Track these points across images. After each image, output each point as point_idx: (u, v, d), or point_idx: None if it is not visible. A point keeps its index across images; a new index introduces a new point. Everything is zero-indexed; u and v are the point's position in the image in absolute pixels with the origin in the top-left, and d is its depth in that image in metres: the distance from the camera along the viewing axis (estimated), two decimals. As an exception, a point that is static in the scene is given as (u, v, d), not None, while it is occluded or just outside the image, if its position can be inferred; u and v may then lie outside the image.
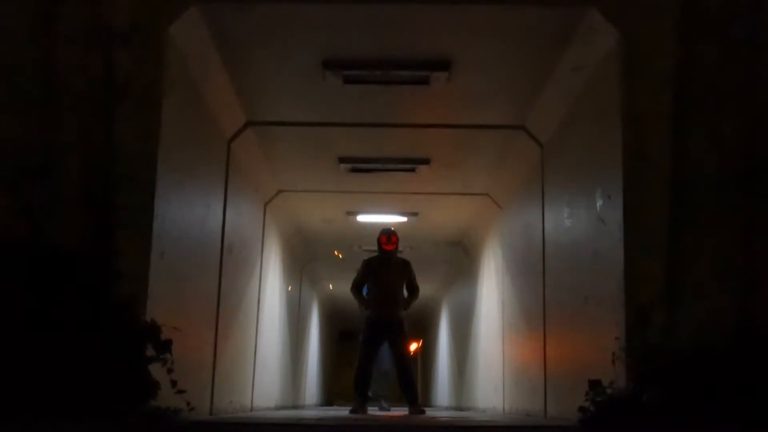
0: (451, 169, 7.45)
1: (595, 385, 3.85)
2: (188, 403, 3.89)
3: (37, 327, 3.46)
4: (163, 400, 3.72)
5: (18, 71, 4.05)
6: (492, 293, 8.69)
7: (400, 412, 8.83)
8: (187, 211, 4.71)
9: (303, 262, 11.53)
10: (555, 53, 4.83)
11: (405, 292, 8.21)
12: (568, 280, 5.22)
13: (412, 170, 7.38)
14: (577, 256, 4.95)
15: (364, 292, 8.34)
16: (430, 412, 8.96)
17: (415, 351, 14.83)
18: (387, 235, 8.18)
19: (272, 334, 8.77)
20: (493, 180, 7.65)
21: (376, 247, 8.43)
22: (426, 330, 18.55)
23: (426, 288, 10.12)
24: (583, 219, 4.81)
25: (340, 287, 11.57)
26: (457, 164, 7.30)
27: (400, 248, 8.57)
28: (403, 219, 9.36)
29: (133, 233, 3.92)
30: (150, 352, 3.71)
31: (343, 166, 7.31)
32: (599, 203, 4.45)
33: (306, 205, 8.99)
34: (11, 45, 4.07)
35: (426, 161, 7.19)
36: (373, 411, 8.60)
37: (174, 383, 3.77)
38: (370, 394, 8.44)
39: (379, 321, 7.97)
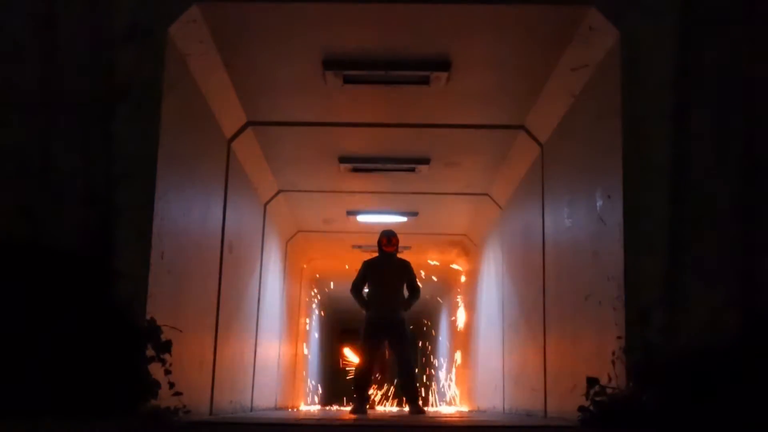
0: (451, 169, 7.45)
1: (592, 381, 3.85)
2: (184, 406, 3.88)
3: (37, 327, 3.46)
4: (163, 400, 3.72)
5: (18, 71, 4.05)
6: (492, 293, 8.69)
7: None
8: (187, 211, 4.71)
9: (303, 261, 11.53)
10: (555, 53, 4.83)
11: (405, 293, 8.21)
12: (568, 280, 5.22)
13: (412, 170, 7.38)
14: (577, 256, 4.95)
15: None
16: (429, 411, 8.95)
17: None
18: (387, 236, 8.18)
19: (272, 334, 8.77)
20: (493, 180, 7.65)
21: (374, 248, 8.43)
22: (426, 330, 18.54)
23: (426, 288, 10.12)
24: (583, 219, 4.81)
25: (341, 287, 11.55)
26: (457, 164, 7.30)
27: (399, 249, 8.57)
28: (403, 219, 9.36)
29: (133, 233, 3.92)
30: (150, 352, 3.71)
31: (343, 166, 7.31)
32: (599, 203, 4.45)
33: (306, 205, 8.99)
34: (11, 45, 4.08)
35: (426, 161, 7.19)
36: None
37: (171, 385, 3.77)
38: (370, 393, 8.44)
39: (379, 321, 7.97)
